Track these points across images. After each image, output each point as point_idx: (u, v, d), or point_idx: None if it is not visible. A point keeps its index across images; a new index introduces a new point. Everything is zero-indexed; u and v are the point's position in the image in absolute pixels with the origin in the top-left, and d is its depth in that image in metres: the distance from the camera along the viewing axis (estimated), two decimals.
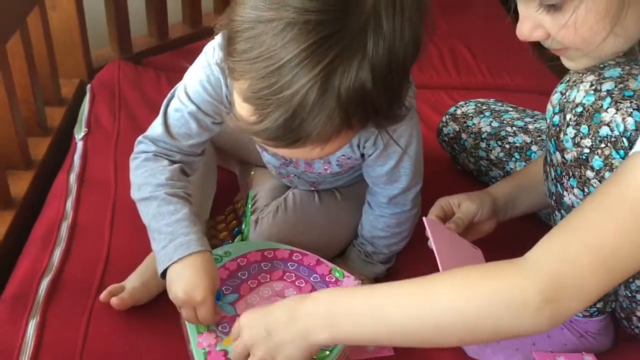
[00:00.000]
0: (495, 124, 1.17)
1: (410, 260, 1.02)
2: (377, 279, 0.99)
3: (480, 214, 0.93)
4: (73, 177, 1.12)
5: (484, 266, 0.68)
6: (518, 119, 1.17)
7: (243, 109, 0.67)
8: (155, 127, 0.86)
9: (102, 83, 1.37)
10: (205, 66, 0.82)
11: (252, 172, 1.09)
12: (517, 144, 1.13)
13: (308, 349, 0.69)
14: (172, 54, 1.55)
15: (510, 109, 1.21)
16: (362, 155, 0.89)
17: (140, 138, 0.88)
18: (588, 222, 0.63)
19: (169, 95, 0.87)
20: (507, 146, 1.14)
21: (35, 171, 1.14)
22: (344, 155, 0.89)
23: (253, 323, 0.71)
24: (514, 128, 1.15)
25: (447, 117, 1.23)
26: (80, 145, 1.20)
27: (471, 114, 1.20)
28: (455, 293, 0.64)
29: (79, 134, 1.23)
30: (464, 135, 1.19)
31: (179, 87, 0.85)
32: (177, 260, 0.78)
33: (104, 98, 1.32)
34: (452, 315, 0.64)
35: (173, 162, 0.86)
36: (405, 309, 0.66)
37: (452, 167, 1.25)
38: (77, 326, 0.85)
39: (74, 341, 0.84)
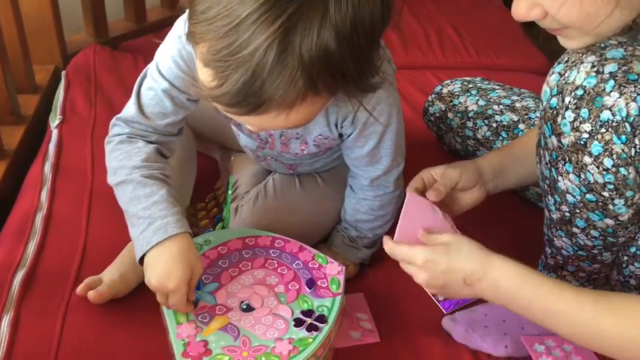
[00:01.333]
0: (481, 102, 1.14)
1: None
2: (362, 264, 0.97)
3: (464, 181, 0.89)
4: (48, 167, 1.09)
5: None
6: (505, 97, 1.14)
7: (204, 74, 0.66)
8: (129, 108, 0.84)
9: (77, 69, 1.34)
10: (176, 40, 0.79)
11: (232, 158, 1.06)
12: (504, 123, 1.10)
13: None
14: (149, 37, 1.50)
15: (497, 87, 1.18)
16: (340, 136, 0.86)
17: (113, 120, 0.85)
18: None
19: (141, 75, 0.84)
20: (494, 125, 1.11)
21: (9, 161, 1.12)
22: (320, 135, 0.86)
23: (435, 270, 0.76)
24: (501, 106, 1.12)
25: (432, 96, 1.21)
26: (55, 133, 1.17)
27: (457, 93, 1.17)
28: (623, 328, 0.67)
29: (54, 121, 1.20)
30: (450, 115, 1.16)
31: (151, 65, 0.83)
32: (155, 245, 0.76)
33: (80, 84, 1.29)
34: (617, 343, 0.67)
35: (149, 142, 0.83)
36: (571, 327, 0.69)
37: (439, 147, 1.23)
38: (53, 321, 0.83)
39: (50, 337, 0.81)
